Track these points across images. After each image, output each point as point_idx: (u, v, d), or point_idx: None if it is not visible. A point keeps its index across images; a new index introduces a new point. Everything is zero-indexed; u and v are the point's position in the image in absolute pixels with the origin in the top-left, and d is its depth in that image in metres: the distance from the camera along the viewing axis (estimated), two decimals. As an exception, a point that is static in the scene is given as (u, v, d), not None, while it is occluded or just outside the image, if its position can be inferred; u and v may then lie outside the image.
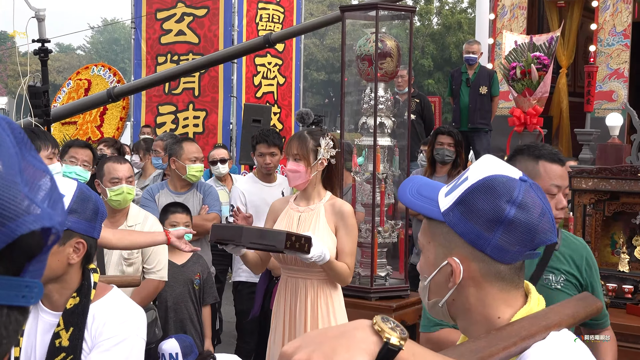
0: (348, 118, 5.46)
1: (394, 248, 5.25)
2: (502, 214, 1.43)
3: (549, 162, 2.77)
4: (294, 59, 11.19)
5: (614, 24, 9.63)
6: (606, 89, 9.56)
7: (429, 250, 1.52)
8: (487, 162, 1.51)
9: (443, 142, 5.85)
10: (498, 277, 1.48)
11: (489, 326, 1.48)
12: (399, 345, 1.03)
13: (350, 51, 5.37)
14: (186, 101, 10.15)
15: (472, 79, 9.10)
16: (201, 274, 4.98)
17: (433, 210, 1.50)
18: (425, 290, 1.53)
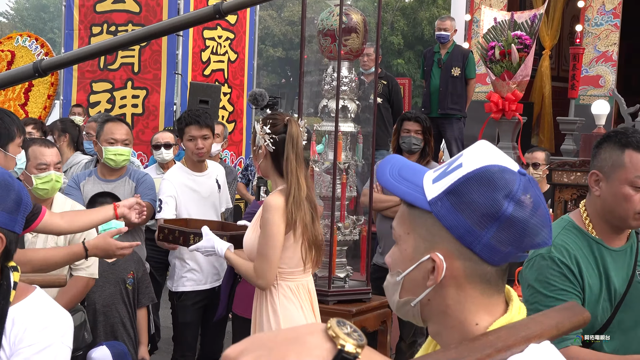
0: (307, 100, 5.47)
1: (355, 247, 5.27)
2: (498, 210, 1.41)
3: (636, 152, 2.73)
4: (247, 33, 11.11)
5: (604, 2, 9.77)
6: (593, 73, 9.69)
7: (406, 242, 1.49)
8: (484, 148, 1.48)
9: (410, 129, 5.84)
10: (483, 279, 1.46)
11: (464, 333, 1.47)
12: (354, 353, 1.02)
13: (311, 25, 5.37)
14: (124, 78, 10.02)
15: (444, 59, 9.13)
16: (135, 272, 4.93)
17: (418, 198, 1.47)
18: (396, 286, 1.51)
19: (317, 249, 4.07)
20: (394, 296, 1.52)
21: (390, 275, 1.53)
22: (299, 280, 4.05)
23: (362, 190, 5.75)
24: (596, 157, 2.82)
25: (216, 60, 10.68)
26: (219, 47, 10.69)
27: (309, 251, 4.01)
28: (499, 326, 1.45)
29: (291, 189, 3.93)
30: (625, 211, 2.73)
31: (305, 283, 4.09)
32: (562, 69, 11.22)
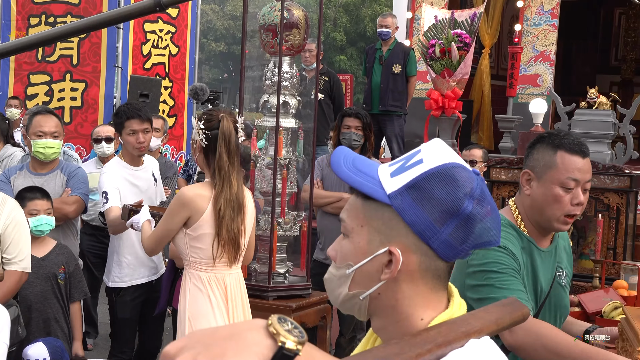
0: (249, 96, 5.46)
1: (295, 242, 5.28)
2: (459, 207, 1.43)
3: (569, 153, 2.76)
4: (189, 27, 11.03)
5: (542, 2, 9.90)
6: (531, 72, 9.83)
7: (360, 234, 1.48)
8: (442, 146, 1.49)
9: (350, 126, 5.86)
10: (434, 274, 1.48)
11: (409, 327, 1.48)
12: (295, 350, 1.01)
13: (253, 20, 5.35)
14: (62, 70, 9.87)
15: (386, 56, 9.16)
16: (66, 267, 4.85)
17: (377, 190, 1.46)
18: (345, 279, 1.50)
19: (235, 246, 4.16)
20: (340, 289, 1.51)
21: (336, 268, 1.52)
22: (211, 272, 4.14)
23: (303, 186, 5.75)
24: (529, 156, 2.85)
25: (157, 53, 10.58)
26: (160, 41, 10.59)
27: (223, 247, 4.11)
28: (440, 321, 1.46)
29: (223, 186, 4.03)
30: (553, 212, 2.76)
31: (220, 276, 4.17)
32: (501, 67, 11.35)
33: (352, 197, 1.52)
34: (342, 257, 1.51)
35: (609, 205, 5.49)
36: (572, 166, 2.75)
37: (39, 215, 4.68)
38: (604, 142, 6.88)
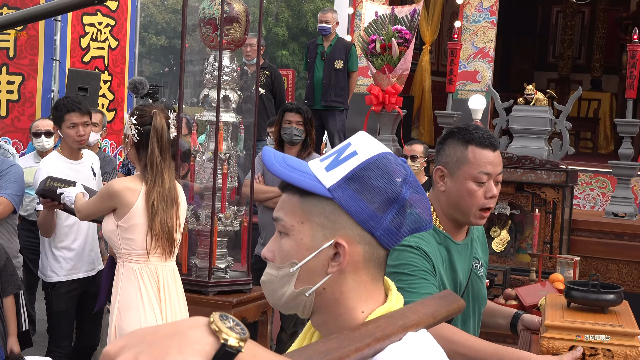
0: (189, 90, 5.44)
1: (236, 237, 5.27)
2: (398, 194, 1.46)
3: (479, 147, 2.77)
4: (129, 20, 10.92)
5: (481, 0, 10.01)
6: (470, 68, 9.93)
7: (301, 231, 1.48)
8: (371, 138, 1.53)
9: (291, 121, 5.86)
10: (376, 263, 1.51)
11: (349, 321, 1.49)
12: (237, 347, 1.01)
13: (194, 14, 5.32)
14: (-1, 63, 9.72)
15: (328, 52, 9.18)
16: None
17: (316, 185, 1.47)
18: (289, 278, 1.49)
19: (169, 240, 4.24)
20: (284, 289, 1.50)
21: (277, 268, 1.51)
22: (144, 264, 4.21)
23: (244, 180, 5.74)
24: (441, 152, 2.86)
25: (96, 47, 10.44)
26: (99, 34, 10.46)
27: (157, 241, 4.18)
28: (378, 315, 1.48)
29: (155, 180, 4.11)
30: (468, 207, 2.78)
31: (153, 268, 4.22)
32: (441, 63, 11.45)
33: (285, 195, 1.52)
34: (284, 257, 1.50)
35: (546, 200, 5.58)
36: (483, 160, 2.77)
37: None
38: (541, 138, 6.98)
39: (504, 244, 5.49)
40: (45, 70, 9.79)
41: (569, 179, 5.60)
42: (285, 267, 1.50)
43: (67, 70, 9.55)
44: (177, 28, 36.39)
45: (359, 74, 9.65)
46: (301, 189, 1.48)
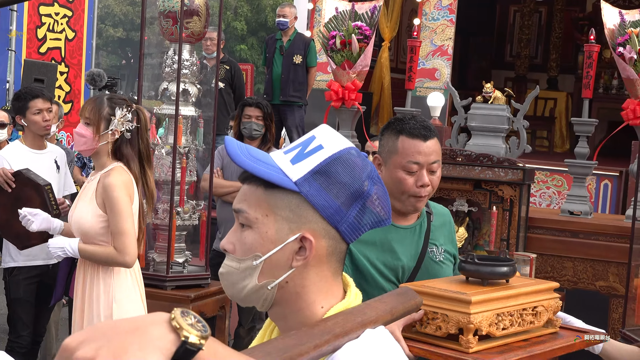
0: (148, 83, 5.38)
1: (194, 231, 5.25)
2: (363, 189, 1.47)
3: (409, 137, 2.84)
4: (86, 11, 10.83)
5: (441, -3, 10.08)
6: (429, 66, 9.99)
7: (266, 224, 1.47)
8: (335, 132, 1.53)
9: (251, 115, 5.87)
10: (338, 257, 1.52)
11: (309, 316, 1.49)
12: (198, 345, 1.01)
13: (153, 7, 5.29)
14: (-48, 53, 9.58)
15: (286, 46, 9.19)
16: None
17: (282, 178, 1.46)
18: (252, 271, 1.48)
19: (144, 234, 4.24)
20: (245, 282, 1.49)
21: (238, 260, 1.50)
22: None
23: (203, 175, 5.72)
24: (380, 142, 2.97)
25: (53, 37, 10.34)
26: (56, 25, 10.36)
27: (141, 232, 4.11)
28: (337, 311, 1.48)
29: (146, 174, 4.10)
30: (399, 194, 2.86)
31: (137, 263, 4.16)
32: (400, 60, 11.50)
33: (247, 187, 1.51)
34: (247, 249, 1.49)
35: (503, 197, 5.62)
36: (412, 150, 2.84)
37: None
38: (498, 135, 7.02)
39: (462, 240, 5.52)
40: (1, 61, 9.68)
41: (525, 177, 5.64)
42: (248, 259, 1.48)
43: (22, 61, 9.45)
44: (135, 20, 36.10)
45: (319, 69, 9.67)
46: (265, 181, 1.47)
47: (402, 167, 2.84)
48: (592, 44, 6.43)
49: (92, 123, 3.94)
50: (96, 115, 3.94)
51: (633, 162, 6.55)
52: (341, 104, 7.33)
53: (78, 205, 4.04)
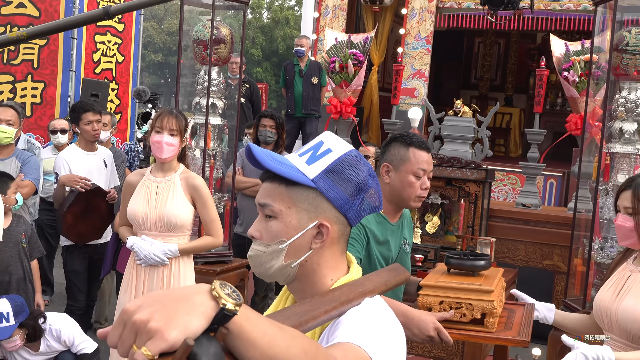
0: (182, 98, 5.38)
1: (220, 218, 5.25)
2: (365, 183, 1.50)
3: (418, 149, 2.87)
4: (133, 40, 10.80)
5: (419, 30, 10.05)
6: (410, 86, 9.97)
7: (288, 215, 1.47)
8: (338, 137, 1.54)
9: (266, 125, 5.88)
10: (345, 239, 1.54)
11: (321, 288, 1.50)
12: (234, 311, 1.00)
13: (187, 36, 5.28)
14: (25, 72, 9.52)
15: (305, 70, 9.23)
16: (25, 233, 4.76)
17: (301, 177, 1.46)
18: (279, 253, 1.48)
19: None
20: (272, 262, 1.49)
21: (266, 245, 1.49)
22: None
23: (227, 172, 5.71)
24: (386, 153, 2.96)
25: (106, 61, 10.33)
26: (108, 50, 10.35)
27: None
28: (342, 283, 1.49)
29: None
30: (409, 195, 2.88)
31: None
32: (386, 81, 11.46)
33: (269, 184, 1.50)
34: (273, 236, 1.49)
35: (469, 192, 5.61)
36: (421, 159, 2.87)
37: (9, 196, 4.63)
38: (466, 142, 7.02)
39: (436, 227, 5.51)
40: (63, 79, 9.68)
41: (487, 176, 5.64)
42: (275, 244, 1.48)
43: (81, 80, 9.45)
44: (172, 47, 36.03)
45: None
46: (287, 180, 1.47)
47: (413, 172, 2.86)
48: (542, 69, 6.42)
49: (177, 133, 3.88)
50: (179, 127, 3.89)
51: (574, 164, 6.54)
52: (339, 116, 7.33)
53: (168, 203, 3.88)
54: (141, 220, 3.85)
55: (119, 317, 0.99)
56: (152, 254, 3.82)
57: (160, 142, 3.83)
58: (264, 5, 34.90)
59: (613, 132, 4.60)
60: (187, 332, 0.96)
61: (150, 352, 0.93)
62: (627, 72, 4.48)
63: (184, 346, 0.94)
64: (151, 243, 3.83)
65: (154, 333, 0.94)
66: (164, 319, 0.95)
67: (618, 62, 4.49)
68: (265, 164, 1.46)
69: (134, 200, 3.88)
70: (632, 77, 4.50)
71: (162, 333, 0.94)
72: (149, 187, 3.89)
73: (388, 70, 11.25)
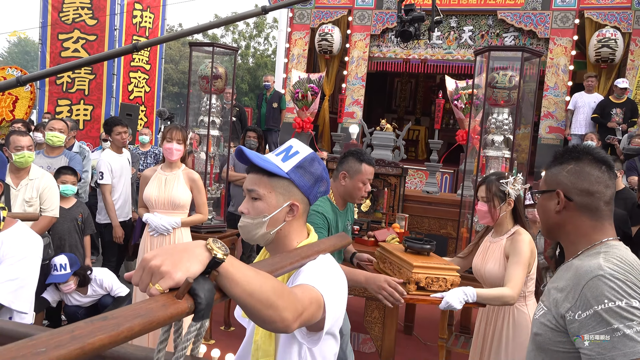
0: (191, 117, 5.31)
1: (217, 201, 5.19)
2: (321, 175, 1.50)
3: (368, 165, 2.90)
4: (156, 76, 10.62)
5: (357, 72, 10.07)
6: (350, 110, 9.99)
7: (269, 197, 1.45)
8: (302, 143, 1.53)
9: (250, 136, 5.88)
10: (306, 214, 1.53)
11: (288, 247, 1.49)
12: (222, 259, 1.00)
13: (195, 74, 5.21)
14: (79, 97, 9.29)
15: (269, 97, 9.22)
16: (83, 214, 4.64)
17: (279, 170, 1.45)
18: (262, 224, 1.46)
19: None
20: (256, 230, 1.47)
21: (252, 218, 1.47)
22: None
23: (222, 169, 5.66)
24: (344, 163, 2.97)
25: (137, 91, 10.13)
26: (139, 83, 10.15)
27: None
28: (303, 244, 1.49)
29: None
30: (357, 195, 2.91)
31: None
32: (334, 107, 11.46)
33: (255, 175, 1.48)
34: (258, 212, 1.47)
35: (390, 183, 5.64)
36: (369, 172, 2.91)
37: (67, 184, 4.48)
38: (388, 149, 7.06)
39: (368, 207, 5.53)
40: (106, 103, 9.47)
41: (403, 172, 5.68)
42: (259, 218, 1.47)
43: (119, 104, 9.26)
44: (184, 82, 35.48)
45: (288, 111, 9.62)
46: (269, 172, 1.46)
47: (362, 181, 2.88)
48: (440, 99, 6.49)
49: (182, 142, 3.83)
50: (183, 137, 3.85)
51: (461, 164, 6.63)
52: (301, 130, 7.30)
53: (174, 190, 3.83)
54: (154, 202, 3.83)
55: (140, 264, 0.98)
56: (160, 225, 3.79)
57: (171, 148, 3.81)
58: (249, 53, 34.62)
59: (487, 142, 4.67)
60: (188, 273, 0.95)
61: (161, 288, 0.93)
62: (497, 101, 4.56)
63: (186, 283, 0.94)
64: (160, 217, 3.81)
65: (164, 274, 0.94)
66: (172, 264, 0.95)
67: (490, 94, 4.56)
68: (255, 161, 1.45)
69: (149, 187, 3.86)
70: (499, 105, 4.58)
71: (170, 274, 0.94)
72: (160, 178, 3.89)
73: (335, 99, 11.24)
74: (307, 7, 10.18)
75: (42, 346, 0.69)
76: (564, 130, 8.42)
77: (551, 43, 8.67)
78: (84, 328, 0.76)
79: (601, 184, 1.51)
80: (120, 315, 0.81)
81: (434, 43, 9.61)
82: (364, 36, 9.98)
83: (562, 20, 8.67)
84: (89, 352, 0.73)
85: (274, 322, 1.09)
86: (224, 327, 4.89)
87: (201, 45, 5.20)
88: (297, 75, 7.44)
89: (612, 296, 1.32)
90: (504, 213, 2.84)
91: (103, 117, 9.41)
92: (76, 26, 9.27)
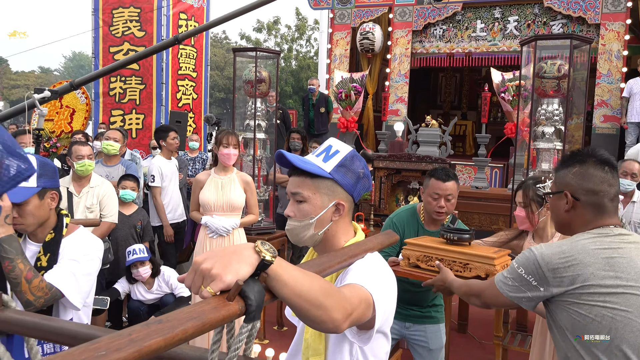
0: (237, 121, 5.40)
1: (266, 203, 5.25)
2: (364, 173, 1.48)
3: (436, 179, 2.86)
4: (203, 83, 10.85)
5: (400, 69, 9.96)
6: (394, 108, 9.89)
7: (315, 199, 1.44)
8: (341, 142, 1.52)
9: (294, 137, 5.92)
10: (352, 212, 1.52)
11: (337, 246, 1.48)
12: (270, 261, 1.00)
13: (240, 79, 5.29)
14: (131, 107, 9.61)
15: (315, 102, 9.23)
16: (142, 221, 4.78)
17: (322, 171, 1.44)
18: (309, 226, 1.45)
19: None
20: (304, 232, 1.46)
21: (299, 221, 1.47)
22: None
23: (269, 171, 5.72)
24: (424, 182, 2.97)
25: (185, 98, 10.38)
26: (186, 91, 10.40)
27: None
28: (351, 243, 1.47)
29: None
30: (429, 210, 2.88)
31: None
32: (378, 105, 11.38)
33: (297, 178, 1.47)
34: (304, 214, 1.46)
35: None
36: (435, 187, 2.85)
37: (127, 189, 4.63)
38: (434, 145, 6.95)
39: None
40: (157, 112, 9.74)
41: (450, 167, 5.58)
42: (306, 220, 1.46)
43: (169, 111, 9.52)
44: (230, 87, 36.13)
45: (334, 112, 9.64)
46: (311, 173, 1.45)
47: (430, 195, 2.87)
48: (486, 92, 6.34)
49: (236, 146, 3.89)
50: (237, 142, 3.89)
51: (511, 158, 6.45)
52: (346, 130, 7.30)
53: (231, 193, 3.87)
54: (212, 204, 3.87)
55: (192, 267, 0.99)
56: (221, 226, 3.84)
57: (229, 153, 3.87)
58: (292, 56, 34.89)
59: (537, 134, 4.53)
60: (238, 276, 0.96)
61: (212, 290, 0.94)
62: (546, 92, 4.41)
63: (236, 286, 0.95)
64: (219, 219, 3.85)
65: (215, 277, 0.95)
66: (222, 267, 0.96)
67: (539, 85, 4.42)
68: (296, 163, 1.45)
69: (205, 191, 3.90)
70: (549, 95, 4.43)
71: (221, 277, 0.95)
72: (216, 182, 3.92)
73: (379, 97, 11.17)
74: (347, 7, 10.16)
75: (102, 349, 0.72)
76: (619, 118, 8.04)
77: (602, 28, 8.30)
78: (140, 331, 0.78)
79: (605, 183, 1.68)
80: (174, 318, 0.83)
81: (477, 35, 9.40)
82: (405, 33, 9.87)
83: (613, 4, 8.29)
84: (146, 354, 0.75)
85: (323, 322, 1.08)
86: (277, 327, 4.94)
87: (244, 50, 5.27)
88: (340, 75, 7.44)
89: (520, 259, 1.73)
90: (544, 217, 2.73)
91: (154, 125, 9.69)
92: (125, 39, 9.61)
